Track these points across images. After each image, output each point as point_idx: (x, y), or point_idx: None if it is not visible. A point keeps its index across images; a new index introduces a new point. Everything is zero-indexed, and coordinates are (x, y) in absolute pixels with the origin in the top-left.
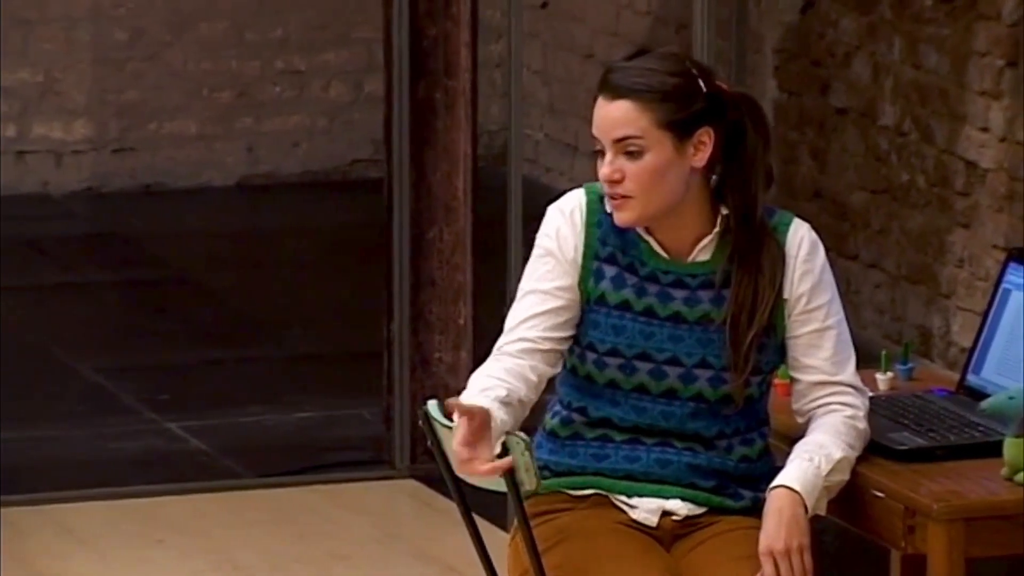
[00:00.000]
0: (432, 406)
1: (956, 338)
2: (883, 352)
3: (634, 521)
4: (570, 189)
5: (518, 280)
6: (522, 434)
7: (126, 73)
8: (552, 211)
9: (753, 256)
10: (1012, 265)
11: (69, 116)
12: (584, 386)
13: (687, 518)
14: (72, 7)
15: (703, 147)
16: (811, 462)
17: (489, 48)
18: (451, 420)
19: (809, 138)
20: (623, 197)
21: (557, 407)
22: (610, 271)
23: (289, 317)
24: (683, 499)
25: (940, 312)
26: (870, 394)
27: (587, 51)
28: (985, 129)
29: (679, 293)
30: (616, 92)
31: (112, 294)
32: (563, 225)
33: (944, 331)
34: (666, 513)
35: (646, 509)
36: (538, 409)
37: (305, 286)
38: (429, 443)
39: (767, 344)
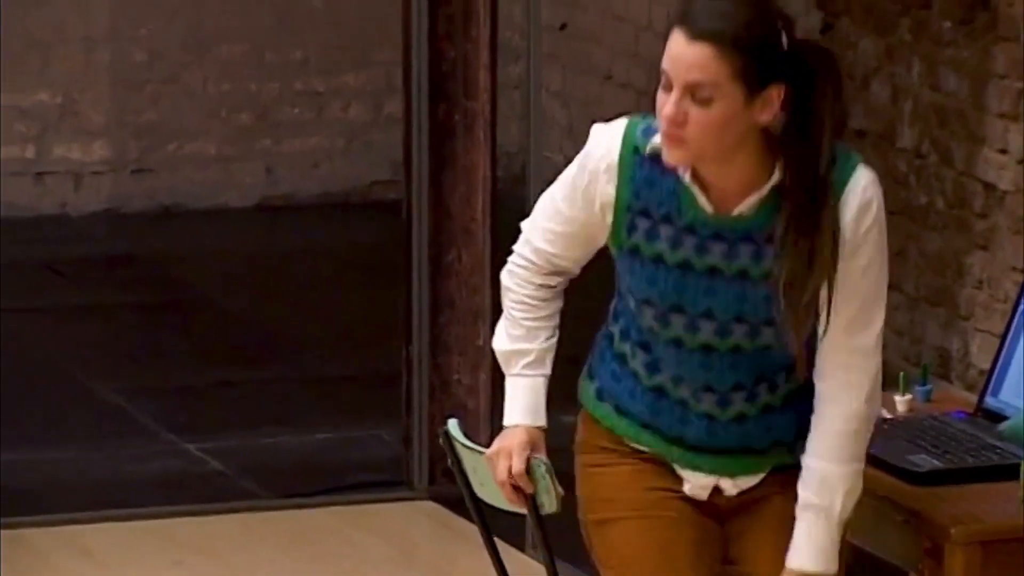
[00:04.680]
0: (453, 425)
1: (975, 360)
2: (901, 374)
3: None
4: None
5: None
6: (543, 457)
7: (145, 94)
8: (590, 144)
9: (812, 214)
10: None
11: (88, 137)
12: (637, 321)
13: (741, 492)
14: (91, 28)
15: (771, 103)
16: (818, 516)
17: (508, 70)
18: (480, 445)
19: None
20: (679, 139)
21: (624, 321)
22: (644, 224)
23: (307, 338)
24: (736, 476)
25: (959, 334)
26: (888, 416)
27: (606, 73)
28: (1004, 151)
29: (717, 247)
30: (698, 33)
31: (130, 315)
32: (591, 169)
33: (963, 353)
34: (718, 490)
35: (698, 485)
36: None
37: (323, 307)
38: (449, 462)
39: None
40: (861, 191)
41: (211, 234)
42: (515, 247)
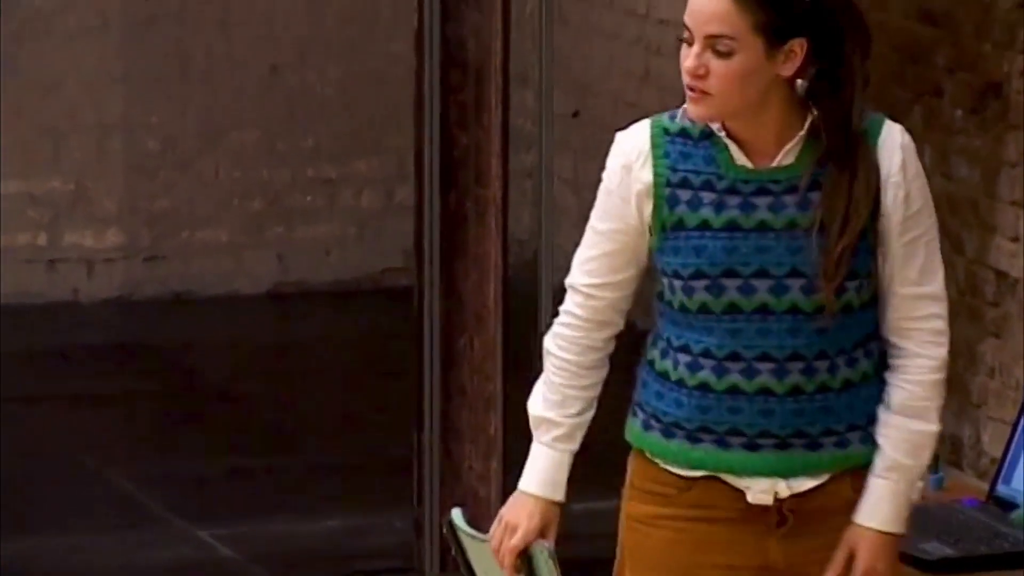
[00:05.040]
0: (457, 515)
1: (986, 448)
2: None
3: (749, 505)
4: None
5: None
6: (546, 543)
7: (158, 182)
8: (615, 149)
9: (848, 162)
10: None
11: (100, 224)
12: (680, 318)
13: (800, 493)
14: (103, 115)
15: (794, 57)
16: (903, 477)
17: (520, 157)
18: (482, 532)
19: None
20: (702, 92)
21: (661, 343)
22: (685, 195)
23: (318, 425)
24: (790, 477)
25: (971, 422)
26: None
27: None
28: (1015, 239)
29: (762, 200)
30: None
31: (142, 402)
32: (623, 164)
33: (974, 440)
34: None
35: (759, 489)
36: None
37: (334, 394)
38: (454, 552)
39: (861, 247)
40: (899, 137)
41: (222, 321)
42: (560, 307)
